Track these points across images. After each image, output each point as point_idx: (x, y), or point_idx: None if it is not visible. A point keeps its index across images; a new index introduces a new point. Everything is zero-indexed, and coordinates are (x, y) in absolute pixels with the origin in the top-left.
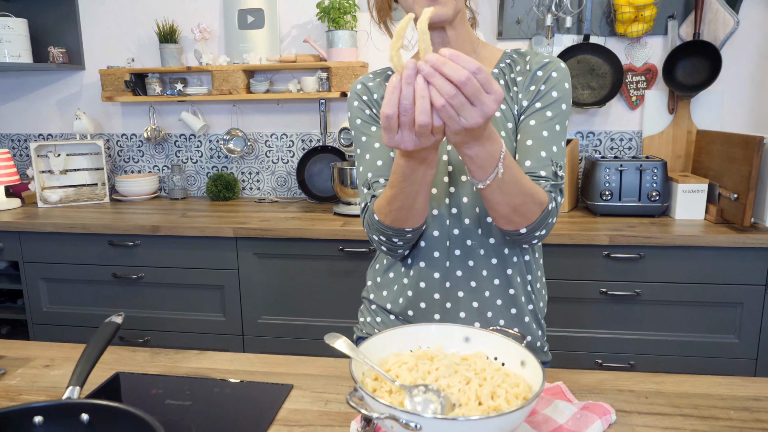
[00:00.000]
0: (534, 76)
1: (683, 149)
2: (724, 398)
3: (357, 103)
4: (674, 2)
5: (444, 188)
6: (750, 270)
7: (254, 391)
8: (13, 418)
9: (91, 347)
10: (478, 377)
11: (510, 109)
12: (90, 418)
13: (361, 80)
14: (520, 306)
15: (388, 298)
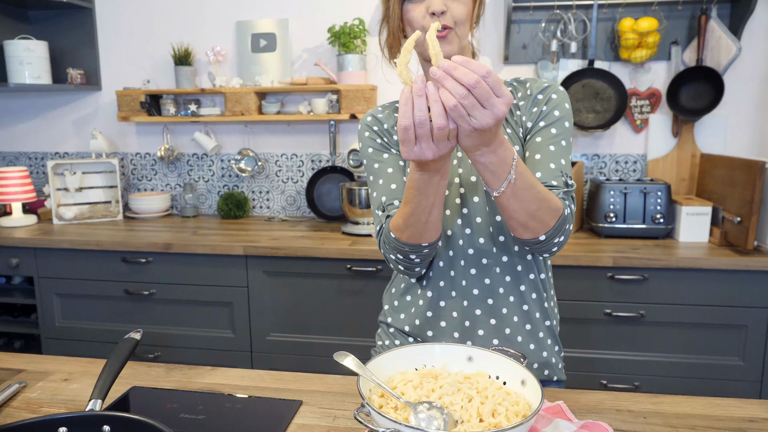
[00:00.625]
0: (535, 99)
1: (687, 172)
2: (721, 419)
3: (368, 134)
4: (677, 29)
5: (457, 209)
6: (754, 293)
7: (265, 406)
8: (39, 429)
9: (112, 362)
10: (480, 395)
11: (516, 132)
12: (111, 430)
13: (371, 113)
14: (534, 322)
15: (407, 321)
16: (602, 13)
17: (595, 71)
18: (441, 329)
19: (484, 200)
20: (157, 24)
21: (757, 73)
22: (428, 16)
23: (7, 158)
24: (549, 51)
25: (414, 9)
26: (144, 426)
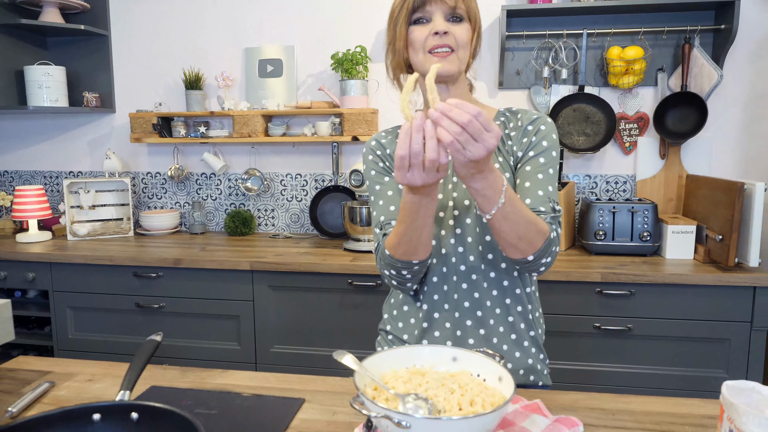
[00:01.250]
0: (525, 129)
1: (674, 192)
2: (684, 416)
3: (371, 157)
4: (663, 56)
5: (451, 230)
6: (736, 308)
7: (271, 403)
8: (76, 415)
9: (137, 360)
10: (461, 389)
11: (506, 161)
12: (139, 417)
13: (375, 137)
14: (519, 332)
15: (405, 330)
16: (591, 41)
17: (585, 96)
18: (435, 338)
19: (475, 222)
20: (169, 50)
21: (739, 99)
22: (431, 36)
23: (23, 177)
24: (541, 77)
25: (418, 31)
26: (167, 413)
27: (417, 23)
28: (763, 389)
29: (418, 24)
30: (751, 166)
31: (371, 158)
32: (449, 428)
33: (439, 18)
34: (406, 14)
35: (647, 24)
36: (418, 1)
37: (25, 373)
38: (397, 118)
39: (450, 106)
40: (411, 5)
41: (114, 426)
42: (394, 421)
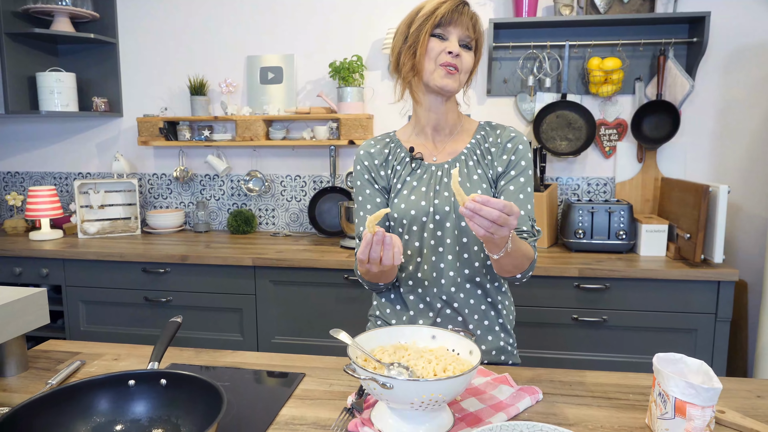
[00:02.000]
0: (505, 147)
1: (651, 194)
2: (630, 387)
3: (359, 167)
4: (640, 67)
5: (431, 233)
6: (702, 300)
7: (276, 376)
8: (115, 380)
9: (162, 338)
10: (437, 360)
11: (485, 173)
12: (167, 382)
13: (365, 147)
14: (490, 319)
15: (392, 316)
16: (573, 52)
17: (567, 103)
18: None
19: (453, 226)
20: (175, 58)
21: (710, 107)
22: (445, 53)
23: (33, 177)
24: (527, 85)
25: (437, 43)
26: (192, 379)
27: (435, 36)
28: (688, 360)
29: (435, 37)
30: (721, 170)
31: (359, 168)
32: (425, 389)
33: (455, 40)
34: (431, 26)
35: (625, 37)
36: (445, 20)
37: (57, 354)
38: (390, 123)
39: (479, 204)
40: (437, 20)
41: (146, 390)
42: (380, 383)
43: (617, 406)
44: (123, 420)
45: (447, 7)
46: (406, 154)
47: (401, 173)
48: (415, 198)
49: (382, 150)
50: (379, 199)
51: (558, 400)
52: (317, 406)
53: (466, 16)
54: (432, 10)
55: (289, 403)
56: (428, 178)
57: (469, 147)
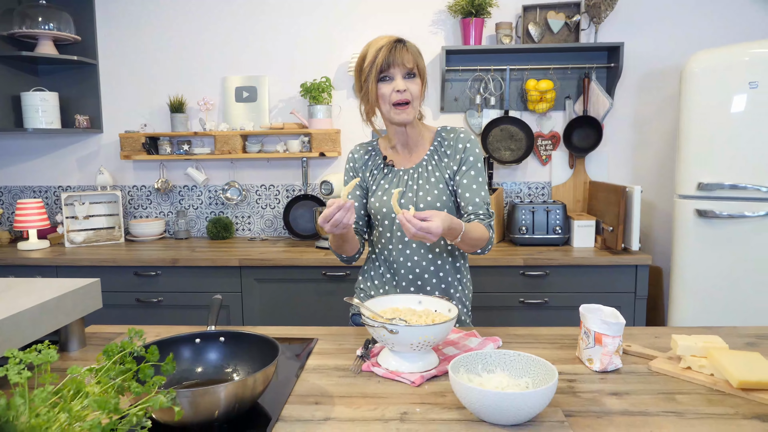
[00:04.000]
0: (456, 148)
1: (581, 195)
2: (566, 335)
3: (348, 166)
4: (570, 87)
5: (398, 226)
6: (623, 282)
7: (295, 342)
8: (185, 338)
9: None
10: (425, 316)
11: (442, 175)
12: (225, 339)
13: (354, 151)
14: (451, 294)
15: (371, 288)
16: (513, 75)
17: (509, 119)
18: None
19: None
20: (154, 78)
21: (627, 121)
22: (394, 92)
23: (13, 191)
24: (474, 103)
25: (385, 87)
26: (245, 335)
27: (382, 81)
28: (604, 308)
29: (383, 81)
30: (638, 173)
31: (348, 167)
32: (420, 332)
33: (399, 78)
34: (375, 74)
35: (556, 62)
36: (384, 66)
37: (105, 334)
38: (355, 137)
39: (404, 220)
40: (378, 68)
41: (210, 345)
42: (388, 329)
43: (557, 347)
44: (200, 365)
45: (384, 54)
46: (382, 160)
47: (377, 176)
48: (386, 198)
49: (363, 156)
50: (359, 192)
51: (513, 345)
52: (334, 357)
53: (404, 54)
54: (372, 60)
55: (312, 357)
56: (396, 181)
57: (429, 154)
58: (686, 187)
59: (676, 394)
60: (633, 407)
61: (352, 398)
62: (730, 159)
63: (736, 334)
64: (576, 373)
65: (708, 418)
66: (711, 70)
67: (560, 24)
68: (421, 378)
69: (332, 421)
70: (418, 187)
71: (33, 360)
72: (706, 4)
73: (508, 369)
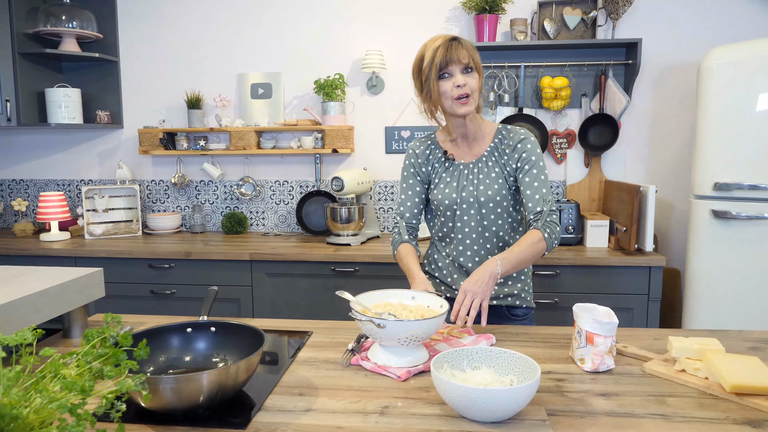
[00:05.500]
0: (516, 147)
1: (597, 194)
2: (562, 335)
3: (408, 162)
4: (586, 84)
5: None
6: (636, 283)
7: (291, 334)
8: (176, 327)
9: (206, 301)
10: (416, 311)
11: (502, 170)
12: (216, 330)
13: (413, 147)
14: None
15: (436, 270)
16: (528, 72)
17: (524, 116)
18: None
19: (476, 212)
20: (172, 75)
21: (645, 119)
22: (454, 88)
23: (38, 185)
24: (488, 100)
25: (445, 84)
26: (235, 326)
27: (442, 78)
28: (599, 307)
29: (443, 79)
30: (655, 172)
31: (408, 162)
32: (407, 327)
33: (458, 73)
34: (435, 73)
35: (572, 59)
36: (443, 63)
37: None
38: (368, 134)
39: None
40: (438, 66)
41: (201, 335)
42: (375, 323)
43: (551, 346)
44: (188, 354)
45: (441, 53)
46: (442, 154)
47: (438, 170)
48: (448, 191)
49: (425, 151)
50: (419, 188)
51: (507, 344)
52: (326, 350)
53: (459, 50)
54: (431, 60)
55: (304, 349)
56: (458, 175)
57: (490, 149)
58: (702, 187)
59: (666, 397)
60: (619, 408)
61: (336, 391)
62: (750, 158)
63: (741, 338)
64: (566, 372)
65: (696, 422)
66: (729, 66)
67: (576, 20)
68: (408, 373)
69: (313, 413)
70: (479, 182)
71: (9, 341)
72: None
73: (494, 366)
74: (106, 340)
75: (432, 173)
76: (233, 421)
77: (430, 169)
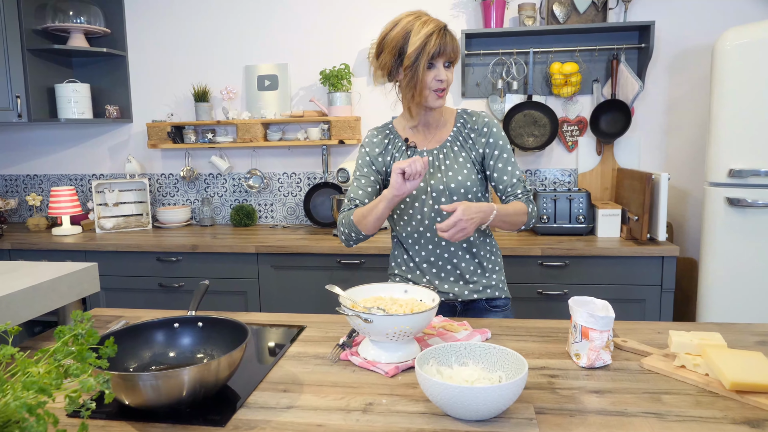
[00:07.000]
0: (482, 131)
1: (609, 182)
2: (560, 329)
3: (364, 150)
4: (598, 70)
5: (431, 207)
6: (648, 274)
7: (283, 328)
8: (164, 323)
9: (196, 295)
10: (407, 305)
11: (468, 155)
12: (203, 325)
13: (369, 137)
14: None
15: (407, 272)
16: (537, 58)
17: (533, 103)
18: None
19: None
20: (179, 68)
21: (661, 104)
22: (435, 80)
23: (51, 179)
24: (497, 88)
25: (428, 75)
26: (222, 321)
27: (427, 68)
28: (596, 301)
29: (430, 69)
30: (670, 160)
31: (363, 151)
32: (396, 322)
33: (441, 67)
34: (425, 62)
35: (582, 43)
36: (435, 53)
37: (105, 317)
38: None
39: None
40: (430, 56)
41: (188, 330)
42: (362, 318)
43: (548, 341)
44: (173, 350)
45: (436, 43)
46: (402, 143)
47: (399, 159)
48: None
49: (383, 140)
50: (372, 178)
51: (502, 338)
52: (316, 346)
53: (449, 44)
54: (422, 46)
55: (295, 344)
56: None
57: (453, 134)
58: (717, 174)
59: (663, 394)
60: (612, 407)
61: (321, 387)
62: (766, 144)
63: (749, 331)
64: (561, 368)
65: (691, 421)
66: (744, 48)
67: (587, 3)
68: (396, 369)
69: (294, 410)
70: (446, 168)
71: None
72: None
73: (483, 362)
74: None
75: (391, 162)
76: (214, 418)
77: (389, 159)
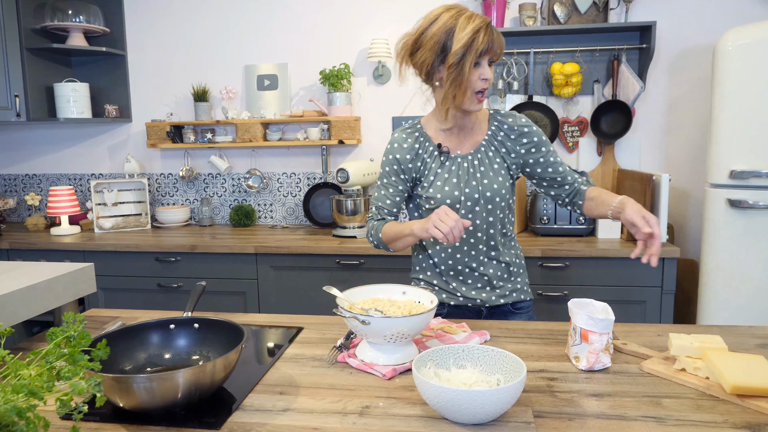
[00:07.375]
0: (522, 133)
1: (610, 184)
2: (560, 331)
3: (391, 157)
4: (598, 70)
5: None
6: (649, 276)
7: (281, 329)
8: (160, 324)
9: (192, 296)
10: (405, 307)
11: (503, 161)
12: (199, 326)
13: (397, 141)
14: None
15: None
16: (538, 58)
17: (534, 104)
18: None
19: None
20: (179, 68)
21: (662, 104)
22: (480, 80)
23: (50, 179)
24: (497, 88)
25: (475, 73)
26: (219, 322)
27: (476, 67)
28: (596, 303)
29: (476, 68)
30: (671, 161)
31: (390, 158)
32: (393, 323)
33: (486, 65)
34: (473, 59)
35: (583, 44)
36: (484, 50)
37: (101, 317)
38: (375, 124)
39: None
40: (478, 52)
41: (184, 332)
42: (359, 320)
43: (547, 343)
44: (169, 351)
45: (485, 40)
46: (434, 148)
47: (431, 165)
48: (448, 188)
49: (413, 145)
50: (401, 186)
51: (502, 340)
52: (314, 347)
53: (496, 41)
54: (470, 42)
55: (292, 346)
56: (455, 169)
57: (487, 138)
58: (718, 176)
59: (663, 398)
60: (611, 410)
61: (318, 389)
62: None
63: (750, 334)
64: (560, 371)
65: (690, 426)
66: (746, 48)
67: (588, 3)
68: (393, 371)
69: (290, 412)
70: (482, 175)
71: None
72: None
73: (481, 365)
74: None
75: (422, 168)
76: (209, 421)
77: (419, 165)
